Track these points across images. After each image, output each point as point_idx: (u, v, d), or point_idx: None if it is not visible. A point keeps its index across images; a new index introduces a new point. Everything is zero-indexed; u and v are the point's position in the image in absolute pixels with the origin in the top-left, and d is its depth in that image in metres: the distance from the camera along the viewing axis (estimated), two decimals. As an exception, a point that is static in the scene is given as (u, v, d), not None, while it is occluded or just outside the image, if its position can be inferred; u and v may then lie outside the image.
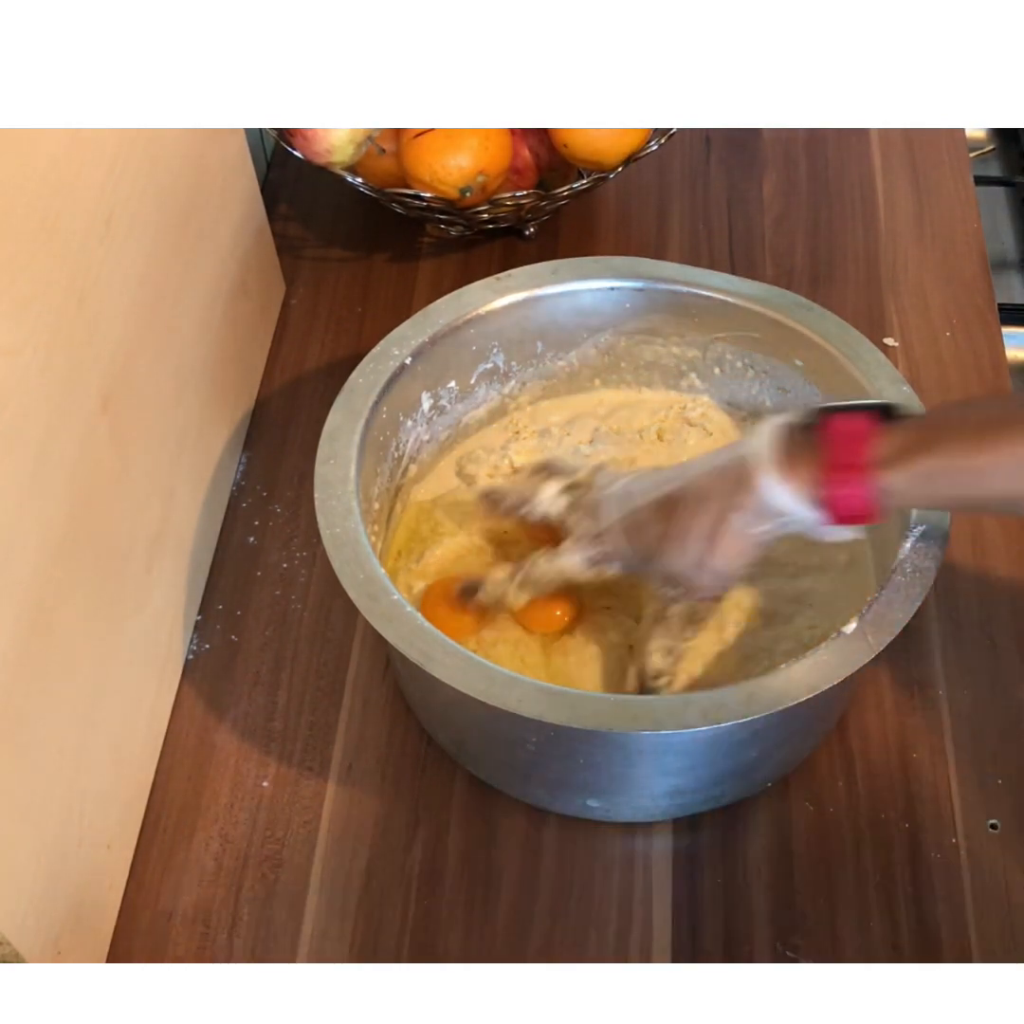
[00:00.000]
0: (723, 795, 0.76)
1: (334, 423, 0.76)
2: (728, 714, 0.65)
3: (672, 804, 0.76)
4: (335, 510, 0.72)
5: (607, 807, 0.76)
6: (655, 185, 1.12)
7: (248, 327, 0.96)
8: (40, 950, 0.65)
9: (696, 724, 0.65)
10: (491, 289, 0.83)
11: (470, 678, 0.66)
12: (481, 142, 0.97)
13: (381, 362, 0.79)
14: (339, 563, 0.70)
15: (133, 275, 0.74)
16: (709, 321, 0.84)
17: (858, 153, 1.14)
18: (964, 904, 0.74)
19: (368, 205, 1.05)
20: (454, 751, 0.79)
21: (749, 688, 0.66)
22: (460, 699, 0.66)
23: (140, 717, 0.78)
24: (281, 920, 0.74)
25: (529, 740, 0.70)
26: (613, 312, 0.86)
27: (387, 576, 0.70)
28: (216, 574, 0.88)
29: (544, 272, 0.85)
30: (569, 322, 0.86)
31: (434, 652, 0.67)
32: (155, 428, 0.78)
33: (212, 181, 0.87)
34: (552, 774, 0.75)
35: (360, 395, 0.78)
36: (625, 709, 0.66)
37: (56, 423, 0.65)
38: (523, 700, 0.65)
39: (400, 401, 0.80)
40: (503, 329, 0.84)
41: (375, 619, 0.68)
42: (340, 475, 0.74)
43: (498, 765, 0.77)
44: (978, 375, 0.98)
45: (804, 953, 0.73)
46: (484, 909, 0.74)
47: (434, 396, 0.84)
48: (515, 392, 0.89)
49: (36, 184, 0.62)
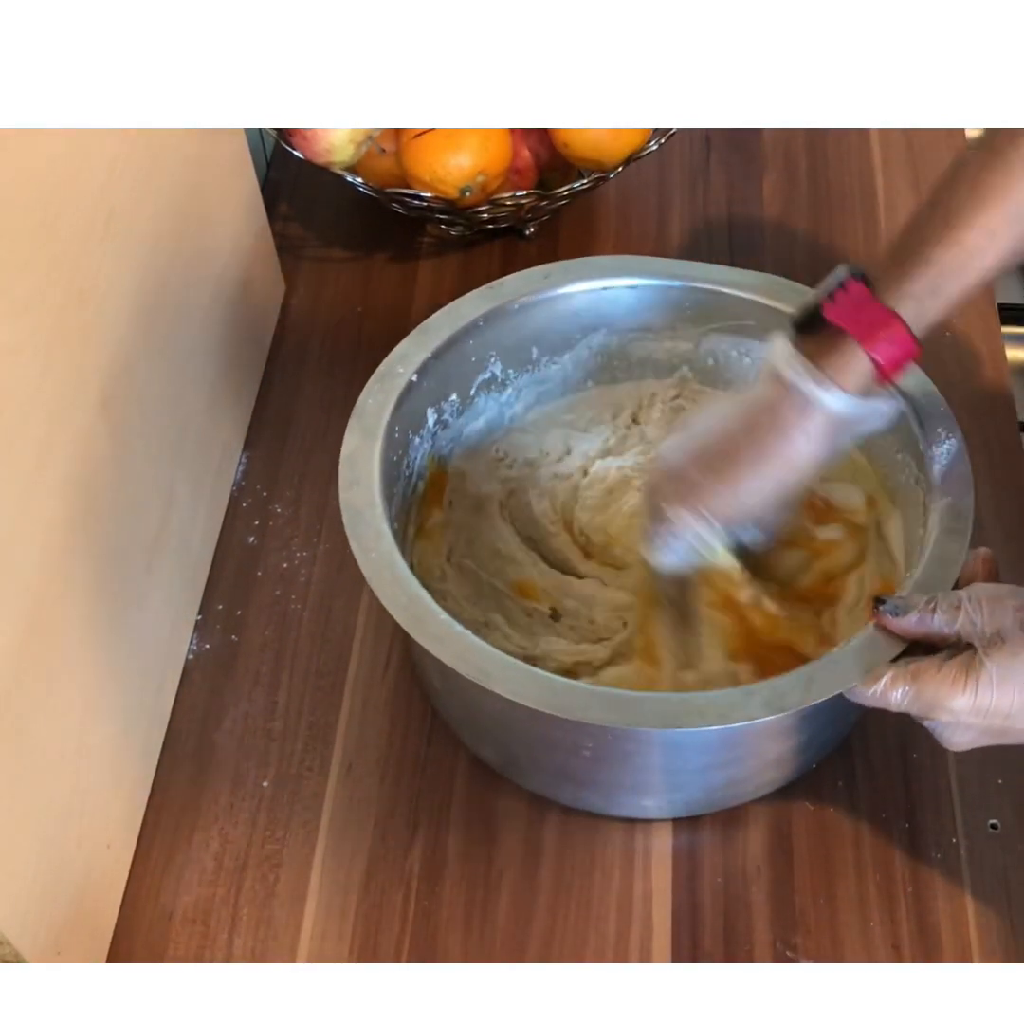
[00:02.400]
0: (776, 780, 0.77)
1: (351, 446, 0.76)
2: (791, 701, 0.65)
3: (726, 795, 0.76)
4: (366, 535, 0.72)
5: (660, 805, 0.76)
6: (655, 185, 1.12)
7: (248, 327, 0.96)
8: (40, 950, 0.65)
9: (760, 714, 0.65)
10: (485, 298, 0.83)
11: (530, 690, 0.66)
12: (481, 142, 0.97)
13: (387, 381, 0.79)
14: (380, 587, 0.69)
15: (133, 275, 0.74)
16: (702, 313, 0.84)
17: (858, 153, 1.14)
18: (964, 904, 0.74)
19: (368, 205, 1.05)
20: (500, 764, 0.79)
21: (806, 673, 0.66)
22: (517, 712, 0.66)
23: (140, 717, 0.78)
24: (281, 920, 0.74)
25: (585, 746, 0.70)
26: (606, 311, 0.86)
27: (429, 595, 0.70)
28: (216, 574, 0.88)
29: (536, 277, 0.85)
30: (563, 325, 0.86)
31: (491, 668, 0.67)
32: (155, 428, 0.78)
33: (212, 181, 0.87)
34: (606, 778, 0.75)
35: (372, 416, 0.77)
36: (689, 706, 0.66)
37: (56, 423, 0.65)
38: (588, 708, 0.65)
39: (408, 419, 0.80)
40: (499, 337, 0.84)
41: (427, 640, 0.68)
42: (366, 500, 0.73)
43: (551, 775, 0.77)
44: (978, 375, 0.98)
45: (804, 953, 0.73)
46: (484, 909, 0.74)
47: (438, 411, 0.84)
48: (511, 400, 0.88)
49: (36, 184, 0.62)
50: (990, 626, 0.62)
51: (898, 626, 0.65)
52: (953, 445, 0.74)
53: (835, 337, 0.69)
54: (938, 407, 0.76)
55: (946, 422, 0.75)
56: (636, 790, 0.76)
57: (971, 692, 0.61)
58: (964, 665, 0.62)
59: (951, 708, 0.62)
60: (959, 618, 0.63)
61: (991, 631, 0.62)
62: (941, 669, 0.62)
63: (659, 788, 0.76)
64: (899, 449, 0.78)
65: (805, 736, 0.74)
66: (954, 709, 0.62)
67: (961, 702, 0.61)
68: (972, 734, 0.63)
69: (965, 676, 0.61)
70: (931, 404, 0.76)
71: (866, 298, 0.69)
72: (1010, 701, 0.61)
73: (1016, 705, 0.61)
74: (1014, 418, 0.96)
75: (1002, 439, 0.94)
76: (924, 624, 0.64)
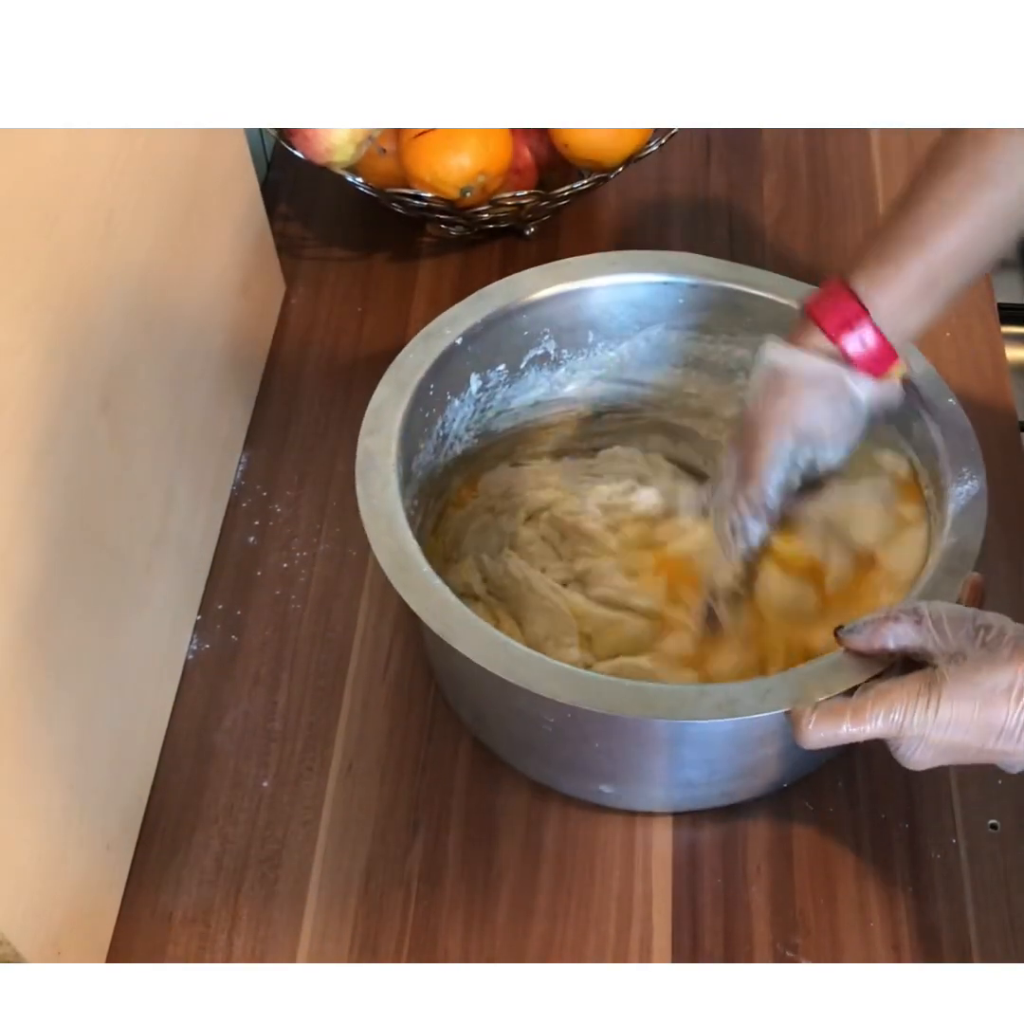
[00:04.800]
0: (736, 792, 0.76)
1: (381, 396, 0.77)
2: (742, 709, 0.64)
3: (685, 796, 0.76)
4: (374, 482, 0.73)
5: (619, 794, 0.76)
6: (655, 185, 1.12)
7: (248, 327, 0.96)
8: (40, 950, 0.65)
9: (709, 716, 0.65)
10: (546, 275, 0.84)
11: (490, 653, 0.66)
12: (481, 142, 0.97)
13: (432, 340, 0.80)
14: (374, 532, 0.71)
15: (133, 275, 0.74)
16: (761, 321, 0.83)
17: (858, 153, 1.14)
18: (964, 904, 0.74)
19: (368, 205, 1.05)
20: (474, 725, 0.79)
21: (767, 684, 0.65)
22: (480, 673, 0.66)
23: (140, 717, 0.78)
24: (281, 920, 0.74)
25: (546, 720, 0.70)
26: (665, 306, 0.85)
27: (420, 551, 0.70)
28: (216, 574, 0.88)
29: (601, 263, 0.85)
30: (621, 313, 0.86)
31: (456, 625, 0.67)
32: (155, 428, 0.78)
33: (212, 181, 0.87)
34: (568, 756, 0.75)
35: (408, 371, 0.78)
36: (640, 695, 0.66)
37: (56, 423, 0.65)
38: (540, 678, 0.65)
39: (449, 380, 0.81)
40: (555, 316, 0.84)
41: (403, 588, 0.69)
42: (382, 447, 0.75)
43: (516, 743, 0.78)
44: (978, 375, 0.98)
45: (804, 953, 0.73)
46: (484, 909, 0.74)
47: (483, 378, 0.84)
48: (563, 380, 0.88)
49: (36, 184, 0.62)
50: (951, 644, 0.62)
51: (855, 642, 0.65)
52: (975, 487, 0.73)
53: (808, 324, 0.73)
54: (969, 447, 0.75)
55: (974, 462, 0.74)
56: (595, 773, 0.75)
57: (933, 706, 0.60)
58: (926, 680, 0.61)
59: (914, 723, 0.61)
60: (920, 634, 0.63)
61: (953, 648, 0.62)
62: (905, 685, 0.62)
63: (616, 775, 0.75)
64: (926, 484, 0.78)
65: (771, 750, 0.73)
66: (915, 723, 0.61)
67: (924, 716, 0.61)
68: (933, 752, 0.62)
69: (928, 691, 0.61)
70: (963, 441, 0.75)
71: (840, 291, 0.72)
72: (970, 716, 0.60)
73: (977, 720, 0.60)
74: (1014, 418, 0.96)
75: (1002, 439, 0.94)
76: (880, 636, 0.64)
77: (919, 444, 0.77)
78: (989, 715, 0.60)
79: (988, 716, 0.60)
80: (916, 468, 0.78)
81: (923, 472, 0.78)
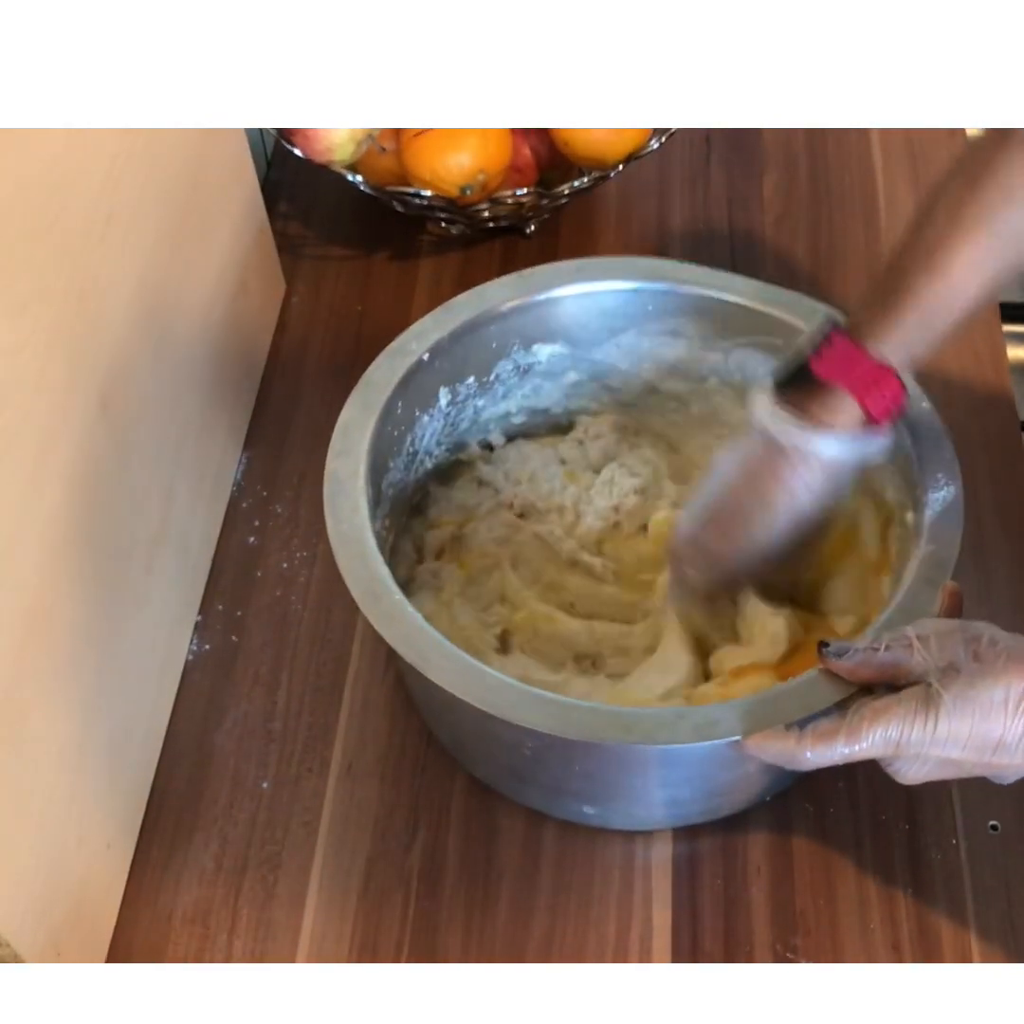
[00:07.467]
0: (721, 807, 0.76)
1: (348, 417, 0.76)
2: (721, 731, 0.64)
3: (669, 815, 0.76)
4: (343, 507, 0.72)
5: (603, 814, 0.76)
6: (655, 184, 1.12)
7: (248, 327, 0.96)
8: (39, 950, 0.65)
9: (688, 739, 0.64)
10: (513, 286, 0.82)
11: (465, 682, 0.66)
12: (481, 140, 0.97)
13: (398, 357, 0.79)
14: (344, 560, 0.70)
15: (133, 274, 0.74)
16: (732, 326, 0.83)
17: (858, 153, 1.14)
18: (964, 904, 0.74)
19: (368, 204, 1.05)
20: (455, 751, 0.79)
21: (744, 705, 0.65)
22: (457, 702, 0.65)
23: (140, 717, 0.78)
24: (281, 920, 0.74)
25: (525, 745, 0.70)
26: (636, 313, 0.84)
27: (391, 577, 0.70)
28: (216, 574, 0.88)
29: (568, 270, 0.84)
30: (591, 321, 0.85)
31: (431, 655, 0.66)
32: (155, 428, 0.78)
33: (212, 181, 0.87)
34: (549, 780, 0.74)
35: (375, 390, 0.77)
36: (617, 720, 0.65)
37: (56, 423, 0.65)
38: (516, 707, 0.65)
39: (417, 396, 0.80)
40: (524, 326, 0.83)
41: (375, 618, 0.68)
42: (351, 470, 0.74)
43: (497, 768, 0.77)
44: (978, 375, 0.98)
45: (804, 953, 0.73)
46: (484, 909, 0.74)
47: (452, 391, 0.83)
48: (534, 390, 0.88)
49: (36, 184, 0.62)
50: (942, 659, 0.61)
51: (841, 667, 0.64)
52: (951, 493, 0.72)
53: (825, 388, 0.71)
54: (944, 453, 0.74)
55: (949, 468, 0.73)
56: (577, 796, 0.75)
57: (931, 723, 0.60)
58: (922, 697, 0.61)
59: (912, 741, 0.61)
60: (911, 655, 0.62)
61: (944, 664, 0.61)
62: (901, 703, 0.61)
63: (598, 797, 0.75)
64: (898, 488, 0.76)
65: (751, 767, 0.72)
66: (913, 742, 0.61)
67: (922, 734, 0.60)
68: (928, 767, 0.62)
69: (926, 708, 0.60)
70: (937, 447, 0.74)
71: (855, 353, 0.70)
72: (968, 731, 0.60)
73: (974, 735, 0.60)
74: (1014, 418, 0.96)
75: (1002, 439, 0.94)
76: (869, 664, 0.63)
77: (892, 450, 0.75)
78: (986, 729, 0.60)
79: (985, 730, 0.60)
80: (888, 545, 0.77)
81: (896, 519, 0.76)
